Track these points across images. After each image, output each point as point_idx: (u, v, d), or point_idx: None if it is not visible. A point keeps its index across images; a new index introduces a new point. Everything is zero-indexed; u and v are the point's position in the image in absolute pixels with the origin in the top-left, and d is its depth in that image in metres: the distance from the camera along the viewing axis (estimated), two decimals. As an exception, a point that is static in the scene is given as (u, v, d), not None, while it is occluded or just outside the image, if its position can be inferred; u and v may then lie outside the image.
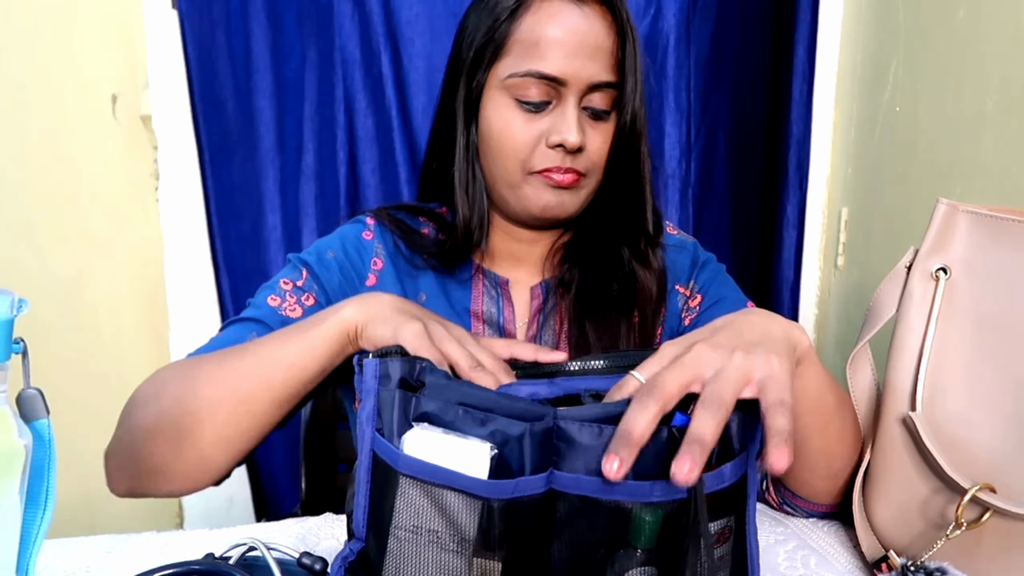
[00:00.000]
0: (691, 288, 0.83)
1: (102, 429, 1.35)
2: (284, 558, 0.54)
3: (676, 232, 0.87)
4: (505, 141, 0.72)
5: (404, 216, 0.82)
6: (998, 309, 0.54)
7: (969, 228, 0.56)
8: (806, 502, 0.67)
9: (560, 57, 0.69)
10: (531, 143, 0.71)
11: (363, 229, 0.81)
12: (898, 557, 0.55)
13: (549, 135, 0.70)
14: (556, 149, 0.70)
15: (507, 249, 0.81)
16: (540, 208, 0.73)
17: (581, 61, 0.69)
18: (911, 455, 0.56)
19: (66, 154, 1.25)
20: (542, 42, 0.69)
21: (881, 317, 0.59)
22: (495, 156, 0.74)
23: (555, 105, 0.71)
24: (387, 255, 0.79)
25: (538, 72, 0.69)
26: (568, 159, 0.71)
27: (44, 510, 0.43)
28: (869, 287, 0.61)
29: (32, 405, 0.43)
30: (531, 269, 0.81)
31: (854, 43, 1.23)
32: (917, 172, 1.06)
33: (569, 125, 0.69)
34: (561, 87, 0.70)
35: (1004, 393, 0.53)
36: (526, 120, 0.71)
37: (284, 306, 0.72)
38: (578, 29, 0.70)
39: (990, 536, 0.53)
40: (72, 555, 0.61)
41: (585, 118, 0.72)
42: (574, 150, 0.70)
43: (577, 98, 0.70)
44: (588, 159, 0.72)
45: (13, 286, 0.41)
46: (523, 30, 0.71)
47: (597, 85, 0.70)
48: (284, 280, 0.74)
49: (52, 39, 1.22)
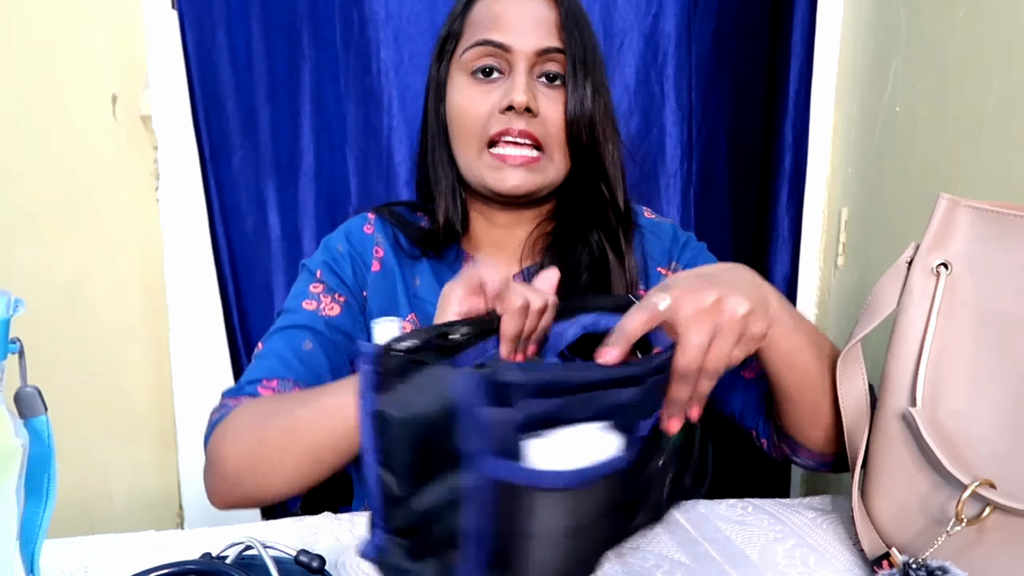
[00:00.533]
0: (674, 268, 0.85)
1: (101, 429, 1.36)
2: (281, 556, 0.54)
3: (653, 216, 0.90)
4: (464, 114, 0.77)
5: (403, 211, 0.88)
6: (999, 305, 0.54)
7: (970, 223, 0.56)
8: (809, 452, 0.70)
9: (505, 27, 0.76)
10: (486, 112, 0.76)
11: (364, 223, 0.87)
12: (899, 554, 0.55)
13: (501, 100, 0.75)
14: (508, 112, 0.75)
15: (487, 236, 0.85)
16: (498, 187, 0.76)
17: (525, 29, 0.76)
18: (911, 451, 0.56)
19: (66, 154, 1.25)
20: (487, 19, 0.77)
21: (880, 312, 0.59)
22: (457, 134, 0.79)
23: (506, 75, 0.77)
24: (387, 244, 0.84)
25: (485, 39, 0.76)
26: (521, 122, 0.75)
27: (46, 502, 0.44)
28: (869, 287, 0.61)
29: (30, 402, 0.43)
30: (512, 256, 0.84)
31: (854, 43, 1.23)
32: (917, 172, 1.05)
33: (517, 86, 0.74)
34: (508, 54, 0.75)
35: (1005, 389, 0.53)
36: (482, 92, 0.77)
37: (322, 307, 0.78)
38: (519, 4, 0.77)
39: (991, 532, 0.53)
40: (71, 555, 0.61)
41: (540, 85, 0.77)
42: (523, 109, 0.74)
43: (526, 65, 0.75)
44: (543, 126, 0.76)
45: (13, 286, 0.41)
46: (474, 15, 0.78)
47: (545, 50, 0.76)
48: (313, 285, 0.80)
49: (52, 39, 1.22)
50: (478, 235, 0.85)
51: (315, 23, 1.25)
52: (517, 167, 0.75)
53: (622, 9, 1.26)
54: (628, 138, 1.28)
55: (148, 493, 1.35)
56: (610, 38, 1.26)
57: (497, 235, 0.84)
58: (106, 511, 1.33)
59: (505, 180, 0.76)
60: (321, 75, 1.26)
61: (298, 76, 1.27)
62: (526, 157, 0.75)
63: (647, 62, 1.27)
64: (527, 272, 0.83)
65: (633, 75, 1.28)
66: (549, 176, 0.78)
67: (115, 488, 1.33)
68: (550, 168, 0.78)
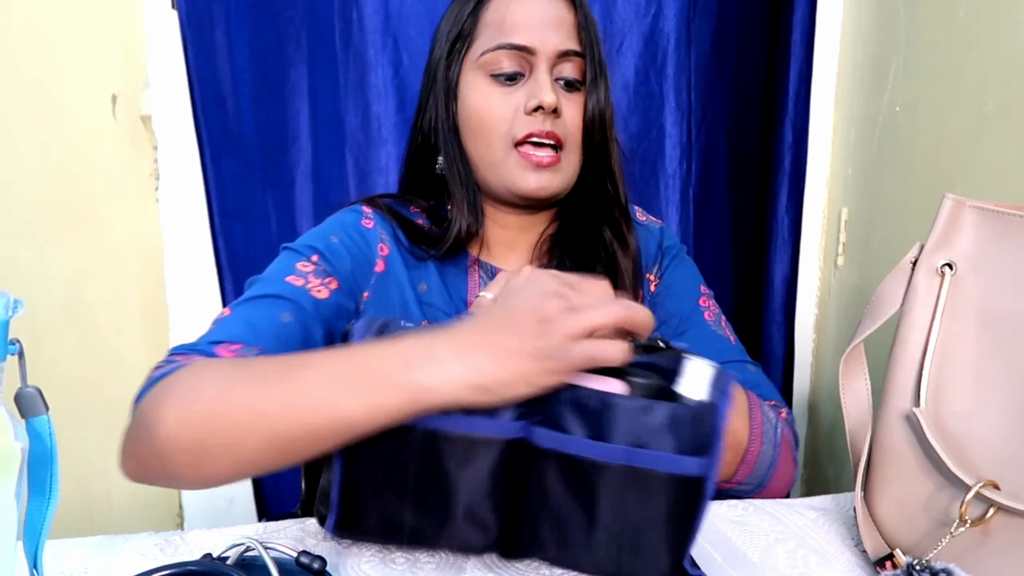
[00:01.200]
0: (656, 274, 0.85)
1: (101, 429, 1.35)
2: (282, 557, 0.54)
3: (644, 218, 0.90)
4: (486, 116, 0.76)
5: (394, 204, 0.83)
6: (1004, 305, 0.54)
7: (975, 224, 0.56)
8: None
9: (526, 29, 0.75)
10: (510, 114, 0.75)
11: (361, 217, 0.80)
12: (903, 556, 0.55)
13: (527, 102, 0.74)
14: (535, 114, 0.74)
15: (498, 237, 0.83)
16: (524, 187, 0.75)
17: (546, 31, 0.75)
18: (914, 452, 0.56)
19: (66, 154, 1.25)
20: (507, 19, 0.75)
21: (884, 312, 0.59)
22: (477, 135, 0.77)
23: (528, 76, 0.76)
24: (392, 242, 0.79)
25: (508, 43, 0.74)
26: (548, 122, 0.75)
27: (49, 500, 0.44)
28: (869, 287, 0.61)
29: (31, 403, 0.43)
30: (523, 258, 0.83)
31: (854, 43, 1.23)
32: (917, 172, 1.05)
33: (543, 87, 0.74)
34: (531, 56, 0.75)
35: (1009, 389, 0.53)
36: (503, 94, 0.76)
37: (309, 287, 0.69)
38: (540, 5, 0.76)
39: (995, 534, 0.53)
40: (71, 555, 0.61)
41: (559, 88, 0.77)
42: (551, 110, 0.74)
43: (548, 66, 0.75)
44: (565, 126, 0.76)
45: (13, 286, 0.41)
46: (489, 15, 0.77)
47: (565, 52, 0.75)
48: (301, 263, 0.72)
49: (52, 39, 1.22)
50: (489, 236, 0.83)
51: (315, 22, 1.25)
52: (544, 168, 0.75)
53: (622, 9, 1.26)
54: (628, 138, 1.28)
55: (148, 494, 1.35)
56: (610, 38, 1.26)
57: (507, 236, 0.83)
58: (106, 512, 1.33)
59: (530, 180, 0.75)
60: (321, 75, 1.26)
61: (296, 76, 1.26)
62: (552, 156, 0.75)
63: (647, 62, 1.27)
64: None
65: (633, 75, 1.28)
66: (568, 177, 0.78)
67: (115, 489, 1.33)
68: (569, 168, 0.78)
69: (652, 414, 0.48)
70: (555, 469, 0.49)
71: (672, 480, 0.47)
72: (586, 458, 0.48)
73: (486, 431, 0.49)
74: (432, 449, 0.50)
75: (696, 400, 0.49)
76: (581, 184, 0.81)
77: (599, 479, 0.48)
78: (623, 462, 0.47)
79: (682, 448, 0.47)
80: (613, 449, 0.48)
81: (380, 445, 0.50)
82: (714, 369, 0.51)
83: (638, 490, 0.48)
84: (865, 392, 0.62)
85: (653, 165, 1.31)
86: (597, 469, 0.48)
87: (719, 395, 0.49)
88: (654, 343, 0.55)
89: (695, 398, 0.49)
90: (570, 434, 0.48)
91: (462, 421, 0.49)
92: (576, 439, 0.48)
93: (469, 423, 0.49)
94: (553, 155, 0.75)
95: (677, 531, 0.49)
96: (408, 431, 0.49)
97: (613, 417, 0.48)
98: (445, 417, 0.49)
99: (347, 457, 0.51)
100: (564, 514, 0.50)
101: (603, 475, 0.48)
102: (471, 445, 0.50)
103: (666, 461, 0.47)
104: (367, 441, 0.50)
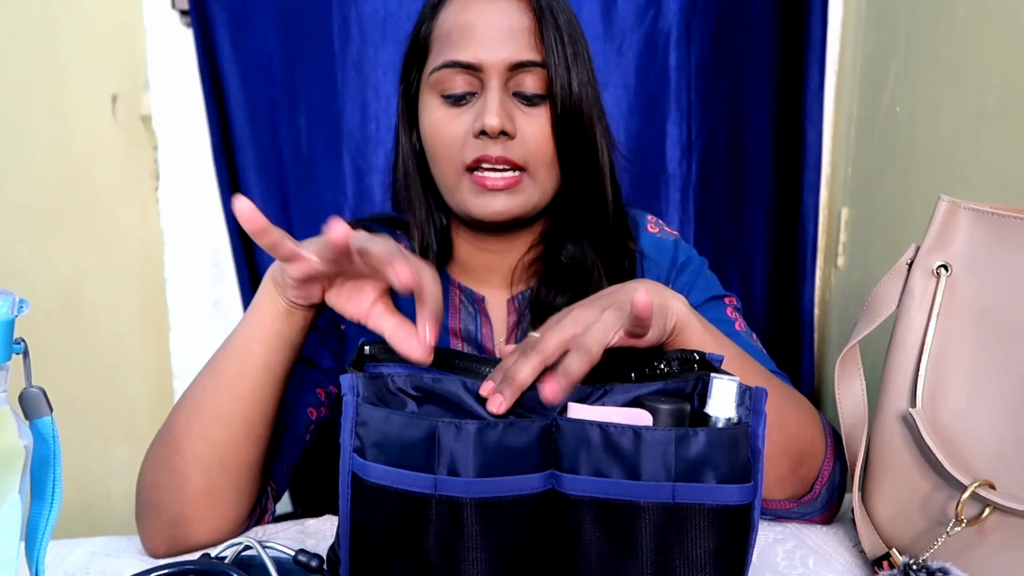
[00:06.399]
0: None
1: (102, 430, 1.35)
2: (280, 556, 0.54)
3: (657, 230, 0.82)
4: (437, 140, 0.70)
5: (381, 230, 0.79)
6: (999, 306, 0.54)
7: (970, 225, 0.56)
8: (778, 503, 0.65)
9: (472, 43, 0.67)
10: (460, 138, 0.68)
11: None
12: (900, 555, 0.55)
13: (473, 124, 0.68)
14: (481, 137, 0.67)
15: (476, 261, 0.78)
16: (478, 212, 0.70)
17: (497, 43, 0.67)
18: (911, 452, 0.56)
19: (66, 154, 1.25)
20: (454, 32, 0.68)
21: (880, 314, 0.59)
22: (433, 160, 0.72)
23: (480, 95, 0.69)
24: None
25: (452, 61, 0.67)
26: (497, 147, 0.67)
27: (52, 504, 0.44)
28: (869, 287, 0.61)
29: (35, 403, 0.43)
30: (503, 281, 0.78)
31: (854, 43, 1.23)
32: (917, 172, 1.05)
33: (489, 108, 0.66)
34: (480, 73, 0.67)
35: (1005, 390, 0.53)
36: (453, 115, 0.69)
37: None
38: (488, 12, 0.68)
39: (991, 533, 0.53)
40: (71, 556, 0.61)
41: (516, 104, 0.69)
42: (495, 134, 0.66)
43: (500, 82, 0.67)
44: (524, 147, 0.68)
45: (13, 286, 0.41)
46: (440, 25, 0.70)
47: (519, 64, 0.67)
48: None
49: (52, 39, 1.22)
50: (465, 260, 0.78)
51: (316, 23, 1.25)
52: (499, 191, 0.68)
53: (622, 9, 1.26)
54: (628, 138, 1.28)
55: (148, 493, 1.35)
56: (610, 38, 1.26)
57: (486, 260, 0.77)
58: (106, 512, 1.33)
59: (487, 205, 0.69)
60: (321, 76, 1.26)
61: (299, 77, 1.27)
62: (508, 179, 0.68)
63: (647, 62, 1.27)
64: (521, 298, 0.76)
65: (633, 75, 1.28)
66: (533, 198, 0.71)
67: (115, 489, 1.33)
68: (534, 189, 0.71)
69: (686, 444, 0.44)
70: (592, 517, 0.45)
71: (717, 513, 0.44)
72: (624, 500, 0.44)
73: (512, 490, 0.44)
74: (455, 521, 0.44)
75: (726, 419, 0.46)
76: (567, 200, 0.74)
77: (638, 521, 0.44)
78: (665, 500, 0.43)
79: (721, 477, 0.43)
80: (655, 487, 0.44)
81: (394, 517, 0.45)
82: (737, 384, 0.47)
83: (681, 529, 0.44)
84: (861, 393, 0.62)
85: (653, 165, 1.31)
86: (635, 510, 0.44)
87: (752, 414, 0.46)
88: (690, 356, 0.53)
89: (724, 416, 0.46)
90: (606, 476, 0.44)
91: (479, 484, 0.44)
92: (611, 481, 0.44)
93: (487, 485, 0.44)
94: (511, 176, 0.68)
95: (729, 568, 0.45)
96: (426, 503, 0.44)
97: (644, 451, 0.44)
98: (467, 482, 0.43)
99: (355, 524, 0.47)
100: (607, 566, 0.45)
101: (642, 516, 0.44)
102: (495, 508, 0.44)
103: (708, 492, 0.43)
104: (379, 512, 0.46)
